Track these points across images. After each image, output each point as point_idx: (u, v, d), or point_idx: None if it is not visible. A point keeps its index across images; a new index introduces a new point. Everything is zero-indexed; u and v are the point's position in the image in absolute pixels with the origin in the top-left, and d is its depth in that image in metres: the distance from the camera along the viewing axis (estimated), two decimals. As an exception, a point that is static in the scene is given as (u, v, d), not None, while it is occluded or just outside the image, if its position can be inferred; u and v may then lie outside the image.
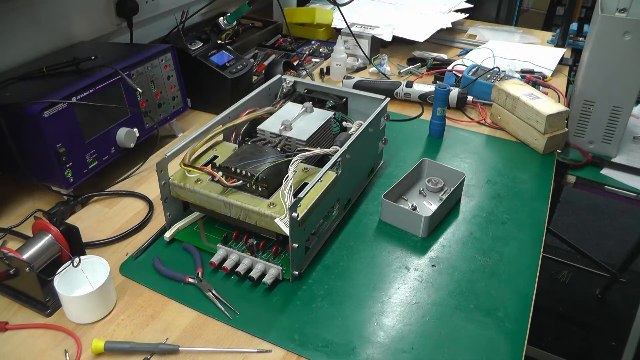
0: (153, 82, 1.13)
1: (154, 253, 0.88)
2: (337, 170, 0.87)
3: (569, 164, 1.17)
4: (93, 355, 0.71)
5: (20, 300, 0.79)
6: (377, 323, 0.77)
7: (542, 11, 3.27)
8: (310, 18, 1.74)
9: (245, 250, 0.86)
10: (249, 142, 0.95)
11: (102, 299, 0.77)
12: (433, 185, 1.03)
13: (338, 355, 0.72)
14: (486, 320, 0.78)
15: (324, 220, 0.91)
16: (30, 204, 1.00)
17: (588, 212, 2.55)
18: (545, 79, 1.47)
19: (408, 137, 1.24)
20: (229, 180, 0.84)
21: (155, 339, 0.74)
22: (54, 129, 0.91)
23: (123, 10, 1.30)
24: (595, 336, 1.94)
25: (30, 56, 1.14)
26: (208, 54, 1.29)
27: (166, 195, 0.88)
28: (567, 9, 1.69)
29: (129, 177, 1.09)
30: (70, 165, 0.95)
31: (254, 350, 0.73)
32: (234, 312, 0.78)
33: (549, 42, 1.76)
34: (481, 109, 1.35)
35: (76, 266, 0.75)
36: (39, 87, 0.97)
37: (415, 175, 1.05)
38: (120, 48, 1.20)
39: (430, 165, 1.06)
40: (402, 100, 1.40)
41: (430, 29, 1.66)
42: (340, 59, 1.48)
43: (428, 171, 1.06)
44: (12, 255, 0.75)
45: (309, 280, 0.84)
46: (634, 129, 1.30)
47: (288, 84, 1.10)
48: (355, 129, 0.99)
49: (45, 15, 1.15)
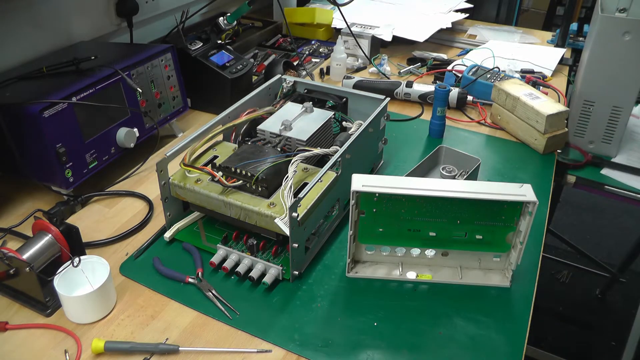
0: (153, 82, 1.13)
1: (154, 253, 0.88)
2: (337, 170, 0.87)
3: (569, 164, 1.17)
4: (93, 355, 0.71)
5: (20, 300, 0.79)
6: (376, 322, 0.77)
7: (542, 11, 3.27)
8: (310, 18, 1.74)
9: (245, 250, 0.86)
10: (249, 142, 0.95)
11: (102, 299, 0.77)
12: (448, 172, 1.05)
13: (338, 355, 0.72)
14: (486, 320, 0.78)
15: (324, 220, 0.90)
16: (30, 204, 1.00)
17: (588, 212, 2.55)
18: (545, 79, 1.47)
19: (408, 137, 1.24)
20: (229, 180, 0.84)
21: (155, 339, 0.74)
22: (54, 129, 0.91)
23: (123, 10, 1.30)
24: (595, 336, 1.94)
25: (30, 56, 1.14)
26: (208, 54, 1.29)
27: (166, 195, 0.88)
28: (567, 9, 1.69)
29: (129, 177, 1.09)
30: (70, 165, 0.95)
31: (254, 350, 0.73)
32: (234, 312, 0.78)
33: (549, 42, 1.77)
34: (481, 109, 1.35)
35: (76, 266, 0.75)
36: (39, 87, 0.97)
37: (431, 163, 1.08)
38: (120, 48, 1.21)
39: (447, 152, 1.09)
40: (402, 100, 1.40)
41: (430, 29, 1.66)
42: (340, 59, 1.48)
43: (445, 158, 1.09)
44: (12, 255, 0.75)
45: (309, 280, 0.84)
46: (634, 129, 1.30)
47: (288, 84, 1.10)
48: (355, 129, 0.99)
49: (45, 15, 1.15)
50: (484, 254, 0.84)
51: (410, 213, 0.81)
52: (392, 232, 0.83)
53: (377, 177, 0.80)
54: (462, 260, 0.86)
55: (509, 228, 0.80)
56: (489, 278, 0.84)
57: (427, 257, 0.86)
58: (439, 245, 0.85)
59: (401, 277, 0.85)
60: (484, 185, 0.78)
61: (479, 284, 0.83)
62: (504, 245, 0.82)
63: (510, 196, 0.76)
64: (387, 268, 0.86)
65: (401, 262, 0.86)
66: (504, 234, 0.81)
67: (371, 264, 0.87)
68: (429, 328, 0.77)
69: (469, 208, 0.79)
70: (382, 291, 0.83)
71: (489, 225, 0.80)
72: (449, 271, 0.85)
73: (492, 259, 0.85)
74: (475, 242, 0.82)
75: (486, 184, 0.79)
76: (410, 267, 0.86)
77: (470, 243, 0.83)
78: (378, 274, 0.85)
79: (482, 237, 0.81)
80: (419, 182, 0.80)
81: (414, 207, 0.80)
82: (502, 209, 0.78)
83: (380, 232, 0.83)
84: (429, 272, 0.85)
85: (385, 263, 0.87)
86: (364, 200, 0.80)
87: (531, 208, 0.75)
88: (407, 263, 0.87)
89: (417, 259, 0.86)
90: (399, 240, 0.85)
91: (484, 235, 0.81)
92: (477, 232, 0.81)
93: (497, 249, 0.83)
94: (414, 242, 0.85)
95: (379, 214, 0.81)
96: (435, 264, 0.86)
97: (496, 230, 0.80)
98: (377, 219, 0.82)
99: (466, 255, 0.85)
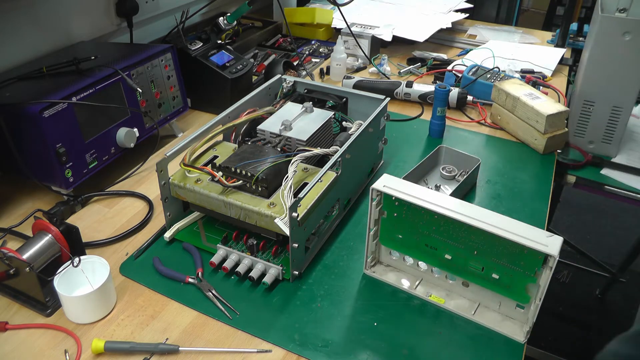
0: (153, 82, 1.13)
1: (154, 253, 0.88)
2: (337, 170, 0.87)
3: (569, 164, 1.17)
4: (93, 355, 0.71)
5: (20, 300, 0.79)
6: (376, 322, 0.77)
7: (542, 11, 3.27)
8: (310, 18, 1.74)
9: (245, 250, 0.86)
10: (249, 142, 0.95)
11: (102, 299, 0.77)
12: (448, 172, 1.06)
13: (338, 355, 0.72)
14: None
15: (324, 220, 0.90)
16: (30, 204, 1.00)
17: (588, 212, 2.55)
18: (545, 79, 1.47)
19: (408, 137, 1.24)
20: (229, 180, 0.84)
21: (155, 339, 0.74)
22: (54, 129, 0.91)
23: (123, 10, 1.30)
24: (595, 336, 1.94)
25: (30, 56, 1.14)
26: (208, 54, 1.29)
27: (166, 195, 0.88)
28: (567, 9, 1.69)
29: (129, 177, 1.09)
30: (70, 165, 0.95)
31: (254, 350, 0.73)
32: (234, 312, 0.78)
33: (549, 42, 1.76)
34: (481, 109, 1.35)
35: (76, 266, 0.75)
36: (39, 87, 0.97)
37: (431, 163, 1.08)
38: (120, 48, 1.20)
39: (447, 152, 1.09)
40: (402, 100, 1.40)
41: (430, 29, 1.66)
42: (340, 59, 1.48)
43: (445, 158, 1.09)
44: (12, 255, 0.75)
45: (309, 280, 0.84)
46: (634, 129, 1.30)
47: (288, 84, 1.10)
48: (355, 129, 0.99)
49: (45, 15, 1.15)
50: (505, 299, 0.77)
51: (427, 228, 0.77)
52: (411, 243, 0.80)
53: (403, 182, 0.77)
54: (482, 298, 0.79)
55: (529, 278, 0.71)
56: (504, 325, 0.76)
57: (448, 282, 0.81)
58: (456, 272, 0.79)
59: (412, 290, 0.82)
60: (507, 221, 0.70)
61: (492, 328, 0.76)
62: (523, 295, 0.73)
63: (530, 242, 0.67)
64: (405, 277, 0.84)
65: (422, 278, 0.84)
66: (523, 282, 0.72)
67: (392, 269, 0.86)
68: (429, 328, 0.77)
69: (487, 240, 0.72)
70: (383, 292, 0.83)
71: (507, 267, 0.72)
72: (465, 303, 0.80)
73: (515, 307, 0.76)
74: (492, 281, 0.75)
75: (511, 221, 0.70)
76: (429, 286, 0.82)
77: (488, 281, 0.76)
78: (391, 280, 0.84)
79: (499, 277, 0.74)
80: (441, 198, 0.74)
81: (432, 222, 0.76)
82: (522, 253, 0.70)
83: (399, 238, 0.81)
84: (444, 296, 0.81)
85: (406, 273, 0.85)
86: (387, 201, 0.79)
87: (551, 263, 0.67)
88: (428, 280, 0.83)
89: (438, 280, 0.82)
90: (417, 253, 0.81)
91: (502, 276, 0.74)
92: (494, 270, 0.74)
93: (516, 297, 0.75)
94: (431, 259, 0.80)
95: (399, 219, 0.79)
96: (454, 290, 0.81)
97: (515, 275, 0.72)
98: (397, 225, 0.80)
99: (487, 294, 0.78)
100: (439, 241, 0.77)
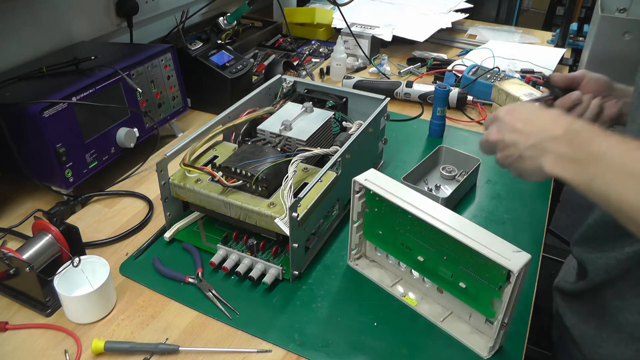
0: (153, 82, 1.13)
1: (154, 253, 0.88)
2: (337, 170, 0.87)
3: (569, 164, 1.17)
4: (93, 355, 0.71)
5: (20, 300, 0.79)
6: (377, 322, 0.77)
7: (542, 11, 3.27)
8: (310, 18, 1.74)
9: (245, 250, 0.86)
10: (249, 142, 0.95)
11: (102, 299, 0.77)
12: (447, 172, 1.06)
13: (338, 355, 0.72)
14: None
15: (324, 220, 0.90)
16: (30, 204, 1.00)
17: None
18: (545, 79, 1.47)
19: (408, 137, 1.24)
20: (229, 180, 0.84)
21: (155, 339, 0.74)
22: (54, 129, 0.91)
23: (123, 10, 1.30)
24: (595, 336, 1.94)
25: (30, 56, 1.14)
26: (208, 54, 1.29)
27: (166, 195, 0.88)
28: (567, 9, 1.69)
29: (129, 177, 1.09)
30: (70, 165, 0.95)
31: (254, 350, 0.73)
32: (234, 312, 0.78)
33: (549, 42, 1.77)
34: (481, 109, 1.35)
35: (76, 266, 0.75)
36: (39, 87, 0.97)
37: (431, 163, 1.08)
38: (120, 48, 1.20)
39: (447, 152, 1.09)
40: (402, 100, 1.40)
41: (430, 29, 1.66)
42: (340, 59, 1.48)
43: (445, 158, 1.09)
44: (12, 255, 0.75)
45: (309, 280, 0.84)
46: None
47: (288, 84, 1.10)
48: (355, 129, 0.99)
49: (45, 15, 1.15)
50: (475, 312, 0.74)
51: (403, 226, 0.76)
52: (389, 240, 0.80)
53: (386, 178, 0.77)
54: (455, 307, 0.77)
55: (493, 292, 0.68)
56: (470, 338, 0.74)
57: (425, 286, 0.80)
58: (427, 275, 0.77)
59: (390, 289, 0.82)
60: (478, 232, 0.67)
61: (456, 337, 0.75)
62: (489, 309, 0.70)
63: (493, 254, 0.64)
64: (385, 275, 0.84)
65: (402, 277, 0.83)
66: (489, 295, 0.69)
67: (376, 265, 0.86)
68: (429, 328, 0.77)
69: (455, 247, 0.70)
70: (383, 292, 0.83)
71: (474, 277, 0.69)
72: (437, 309, 0.78)
73: (485, 322, 0.74)
74: (460, 290, 0.73)
75: (484, 232, 0.67)
76: (407, 287, 0.82)
77: (456, 289, 0.73)
78: (373, 275, 0.84)
79: (465, 286, 0.71)
80: (419, 199, 0.73)
81: (407, 222, 0.75)
82: (487, 265, 0.66)
83: (380, 234, 0.81)
84: (419, 299, 0.80)
85: (388, 271, 0.85)
86: (369, 196, 0.79)
87: (512, 278, 0.63)
88: (407, 281, 0.83)
89: (416, 282, 0.81)
90: (394, 251, 0.81)
91: (468, 286, 0.71)
92: (461, 279, 0.71)
93: (482, 310, 0.72)
94: (406, 259, 0.79)
95: (379, 215, 0.79)
96: (429, 295, 0.80)
97: (481, 287, 0.69)
98: (378, 220, 0.80)
99: (459, 304, 0.75)
100: (413, 241, 0.76)
